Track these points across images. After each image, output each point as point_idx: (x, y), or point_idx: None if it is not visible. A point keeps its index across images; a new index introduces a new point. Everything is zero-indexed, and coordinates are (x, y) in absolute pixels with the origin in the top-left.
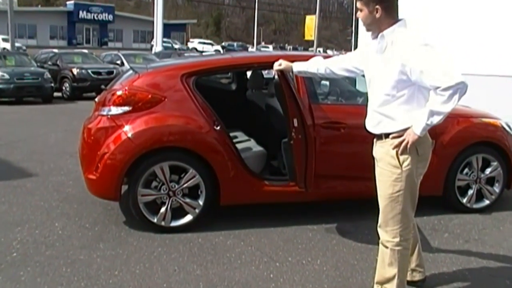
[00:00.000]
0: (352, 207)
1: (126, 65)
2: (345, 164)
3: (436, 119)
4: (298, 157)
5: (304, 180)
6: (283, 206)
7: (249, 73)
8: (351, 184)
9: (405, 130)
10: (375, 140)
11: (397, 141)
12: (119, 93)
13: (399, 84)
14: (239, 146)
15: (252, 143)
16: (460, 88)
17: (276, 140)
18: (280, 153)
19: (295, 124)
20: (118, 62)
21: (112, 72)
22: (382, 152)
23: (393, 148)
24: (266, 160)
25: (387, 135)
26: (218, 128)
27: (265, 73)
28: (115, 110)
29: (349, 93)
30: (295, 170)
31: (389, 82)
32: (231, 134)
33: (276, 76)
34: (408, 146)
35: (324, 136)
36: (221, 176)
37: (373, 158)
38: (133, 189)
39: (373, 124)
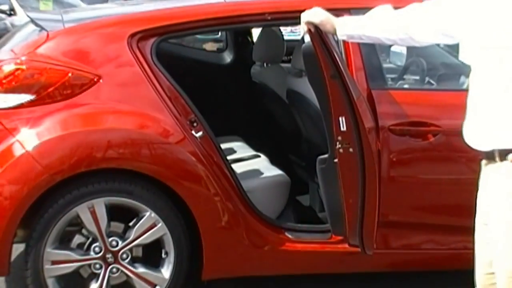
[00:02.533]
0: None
1: (21, 14)
2: (440, 203)
3: None
4: (348, 188)
5: (360, 233)
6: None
7: (256, 33)
8: (451, 241)
9: None
10: (484, 162)
11: None
12: (9, 68)
13: None
14: (238, 167)
15: (262, 163)
16: None
17: (306, 156)
18: (313, 180)
19: (342, 127)
20: (4, 7)
21: None
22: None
23: None
24: (289, 195)
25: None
26: (200, 134)
27: (285, 32)
28: (2, 101)
29: (445, 69)
30: (341, 212)
31: None
32: (224, 146)
33: (306, 39)
34: None
35: (397, 149)
36: (204, 225)
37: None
38: (36, 250)
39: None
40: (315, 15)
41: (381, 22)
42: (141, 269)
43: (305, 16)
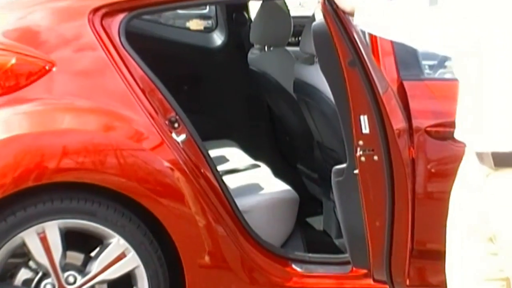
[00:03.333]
0: None
1: None
2: None
3: None
4: (372, 206)
5: (389, 265)
6: None
7: (254, 8)
8: None
9: None
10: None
11: None
12: None
13: None
14: (232, 181)
15: (262, 175)
16: None
17: (319, 166)
18: (328, 197)
19: (364, 128)
20: None
21: None
22: None
23: None
24: (297, 216)
25: None
26: (183, 138)
27: (293, 6)
28: None
29: None
30: (365, 238)
31: None
32: (214, 153)
33: (318, 15)
34: None
35: (436, 157)
36: (188, 256)
37: None
38: None
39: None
40: None
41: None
42: None
43: None
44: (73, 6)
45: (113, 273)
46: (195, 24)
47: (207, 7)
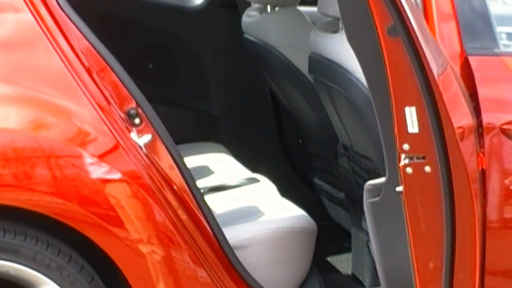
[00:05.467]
0: None
1: None
2: None
3: None
4: (422, 240)
5: None
6: None
7: None
8: None
9: None
10: None
11: None
12: None
13: None
14: (219, 201)
15: (265, 194)
16: None
17: (346, 181)
18: (359, 226)
19: (411, 126)
20: None
21: None
22: None
23: None
24: (315, 253)
25: None
26: (147, 139)
27: None
28: None
29: None
30: (413, 284)
31: None
32: (194, 162)
33: None
34: None
35: None
36: None
37: None
38: None
39: None
40: None
41: None
42: None
43: None
44: None
45: None
46: None
47: None
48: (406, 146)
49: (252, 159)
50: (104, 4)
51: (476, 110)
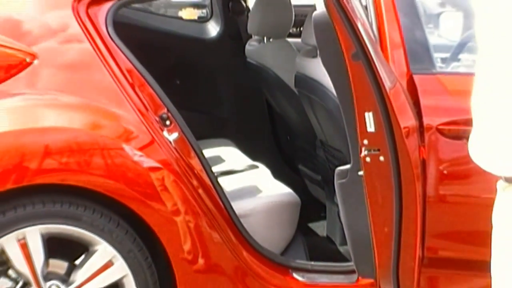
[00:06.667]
0: None
1: None
2: None
3: None
4: (378, 211)
5: (396, 274)
6: None
7: None
8: None
9: None
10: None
11: None
12: None
13: None
14: (228, 183)
15: (261, 176)
16: None
17: (323, 167)
18: (332, 201)
19: (369, 126)
20: None
21: None
22: None
23: None
24: (298, 221)
25: None
26: (175, 136)
27: None
28: None
29: None
30: (370, 245)
31: None
32: (210, 153)
33: (319, 4)
34: None
35: (450, 158)
36: (181, 264)
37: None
38: None
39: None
40: None
41: None
42: None
43: None
44: None
45: (100, 282)
46: (188, 13)
47: None
48: (365, 141)
49: (253, 151)
50: (143, 35)
51: (419, 115)
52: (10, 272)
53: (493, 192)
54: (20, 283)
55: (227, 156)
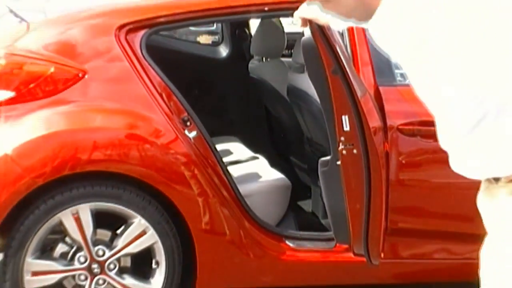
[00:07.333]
0: None
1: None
2: (453, 208)
3: None
4: (352, 192)
5: (366, 241)
6: None
7: (254, 25)
8: (466, 250)
9: None
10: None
11: None
12: None
13: None
14: (235, 170)
15: (261, 165)
16: None
17: (309, 158)
18: (316, 184)
19: (345, 126)
20: None
21: None
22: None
23: None
24: (290, 200)
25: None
26: (194, 134)
27: (286, 24)
28: None
29: None
30: (346, 218)
31: None
32: (220, 147)
33: (306, 32)
34: None
35: (407, 150)
36: (198, 233)
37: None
38: (15, 260)
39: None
40: (308, 10)
41: None
42: (129, 281)
43: (297, 13)
44: (102, 23)
45: (136, 247)
46: (204, 39)
47: (214, 24)
48: (342, 138)
49: (254, 146)
50: (170, 55)
51: (383, 117)
52: (67, 239)
53: (439, 177)
54: (74, 248)
55: (234, 150)
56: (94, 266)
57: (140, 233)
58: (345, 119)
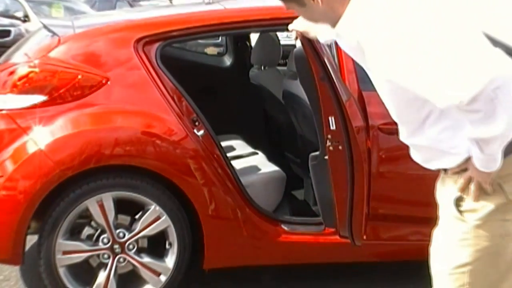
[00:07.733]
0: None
1: (35, 21)
2: (426, 196)
3: (491, 148)
4: (338, 183)
5: (350, 225)
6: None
7: (254, 38)
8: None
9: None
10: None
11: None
12: (23, 71)
13: None
14: (238, 164)
15: (260, 160)
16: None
17: (301, 153)
18: (307, 176)
19: (332, 126)
20: (19, 14)
21: (8, 33)
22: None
23: (460, 191)
24: (284, 189)
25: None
26: (202, 133)
27: (282, 37)
28: (17, 102)
29: None
30: (333, 205)
31: None
32: (224, 144)
33: (298, 44)
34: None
35: (386, 147)
36: (205, 218)
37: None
38: (48, 241)
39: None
40: (299, 24)
41: None
42: (146, 259)
43: (291, 25)
44: (122, 37)
45: (151, 230)
46: (210, 50)
47: (220, 37)
48: (329, 136)
49: (254, 142)
50: (181, 64)
51: (365, 118)
52: (92, 223)
53: (414, 170)
54: (99, 231)
55: (236, 146)
56: (116, 246)
57: (155, 218)
58: (331, 119)
